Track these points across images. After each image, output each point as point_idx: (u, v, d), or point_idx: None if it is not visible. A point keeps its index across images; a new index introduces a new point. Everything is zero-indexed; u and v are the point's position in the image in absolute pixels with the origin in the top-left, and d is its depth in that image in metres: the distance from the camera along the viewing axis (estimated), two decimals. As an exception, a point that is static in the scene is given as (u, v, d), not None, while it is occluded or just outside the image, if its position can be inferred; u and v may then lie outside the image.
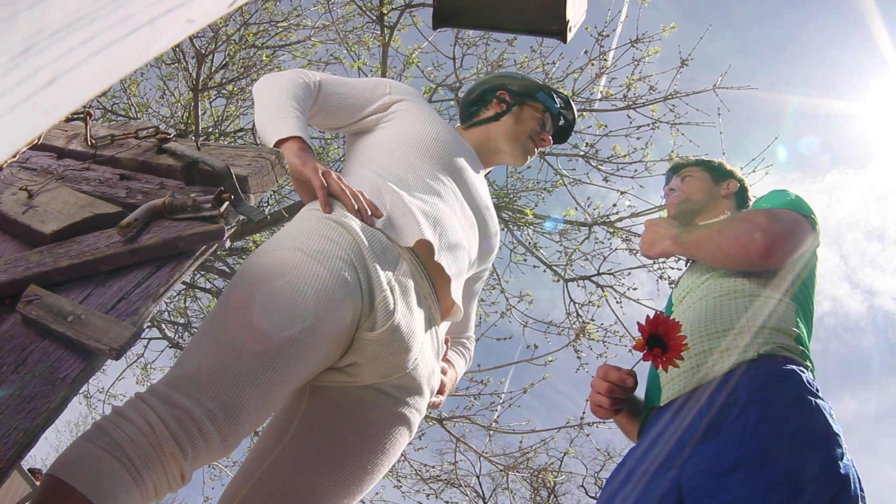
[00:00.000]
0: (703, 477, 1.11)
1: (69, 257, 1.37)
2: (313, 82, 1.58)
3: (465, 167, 1.56)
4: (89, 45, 0.36)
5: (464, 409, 5.37)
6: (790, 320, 1.35)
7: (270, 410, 1.13)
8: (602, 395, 1.36)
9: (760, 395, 1.16)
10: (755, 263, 1.38)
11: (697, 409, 1.22)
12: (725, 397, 1.20)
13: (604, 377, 1.36)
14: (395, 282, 1.25)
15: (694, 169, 1.81)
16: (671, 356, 1.17)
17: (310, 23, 5.97)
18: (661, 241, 1.54)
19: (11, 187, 1.63)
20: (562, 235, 5.85)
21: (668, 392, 1.34)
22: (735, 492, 1.05)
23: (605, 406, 1.36)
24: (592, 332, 5.50)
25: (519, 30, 1.63)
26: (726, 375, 1.24)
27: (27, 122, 0.36)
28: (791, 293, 1.41)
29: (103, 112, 5.94)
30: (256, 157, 1.60)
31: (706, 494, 1.08)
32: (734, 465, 1.08)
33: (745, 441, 1.10)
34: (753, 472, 1.06)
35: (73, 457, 0.98)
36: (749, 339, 1.28)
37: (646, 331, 1.20)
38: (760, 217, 1.40)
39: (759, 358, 1.24)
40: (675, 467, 1.17)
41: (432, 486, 5.94)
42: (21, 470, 6.28)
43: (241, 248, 6.06)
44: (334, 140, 6.26)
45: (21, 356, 1.24)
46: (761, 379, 1.20)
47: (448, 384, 1.56)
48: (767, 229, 1.36)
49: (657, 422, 1.31)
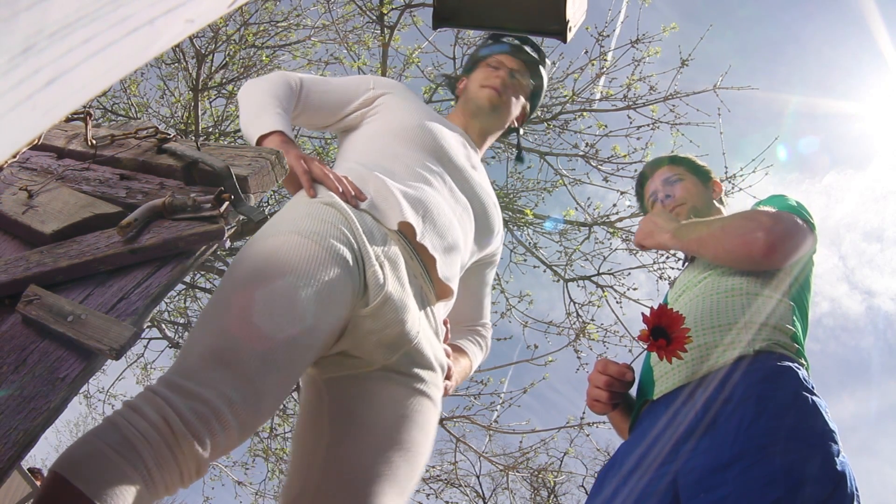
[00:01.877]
0: (700, 472, 1.11)
1: (69, 257, 1.37)
2: (295, 81, 1.59)
3: (455, 152, 1.56)
4: (89, 45, 0.36)
5: (464, 409, 5.37)
6: (787, 318, 1.35)
7: (286, 392, 1.12)
8: (600, 388, 1.36)
9: (757, 390, 1.16)
10: (757, 262, 1.38)
11: (693, 404, 1.23)
12: (721, 393, 1.20)
13: (603, 371, 1.37)
14: (384, 257, 1.25)
15: (680, 170, 1.75)
16: (675, 348, 1.18)
17: (310, 23, 5.98)
18: (660, 233, 1.52)
19: (11, 187, 1.63)
20: (562, 235, 5.85)
21: (662, 386, 1.34)
22: (731, 487, 1.05)
23: (603, 400, 1.37)
24: (592, 333, 5.50)
25: (519, 30, 1.63)
26: (722, 371, 1.24)
27: (27, 122, 0.36)
28: (790, 294, 1.41)
29: (103, 112, 5.94)
30: (256, 157, 1.60)
31: (702, 489, 1.08)
32: (730, 461, 1.08)
33: (741, 436, 1.11)
34: (750, 467, 1.06)
35: (81, 455, 0.94)
36: (745, 335, 1.29)
37: (650, 322, 1.20)
38: (763, 216, 1.40)
39: (756, 354, 1.25)
40: (672, 462, 1.17)
41: (432, 486, 5.94)
42: (21, 470, 6.28)
43: (241, 248, 6.06)
44: (334, 140, 6.26)
45: (21, 356, 1.24)
46: (757, 374, 1.20)
47: (459, 371, 1.53)
48: (770, 229, 1.36)
49: (651, 416, 1.31)
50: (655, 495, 1.15)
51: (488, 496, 9.73)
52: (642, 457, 1.22)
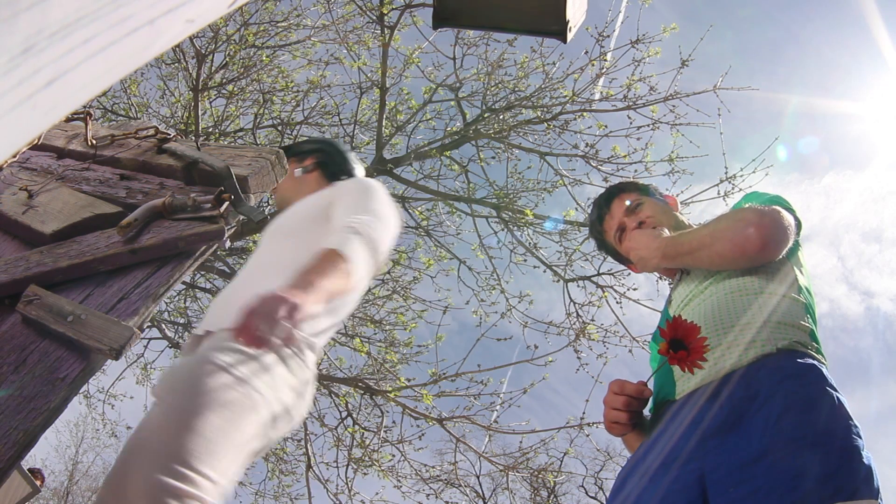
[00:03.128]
0: (727, 468, 1.13)
1: (69, 257, 1.37)
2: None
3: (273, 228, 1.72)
4: (89, 45, 0.36)
5: (464, 409, 5.37)
6: (801, 315, 1.37)
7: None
8: (620, 409, 1.35)
9: (783, 387, 1.18)
10: (753, 258, 1.39)
11: (717, 402, 1.23)
12: (745, 390, 1.21)
13: (620, 391, 1.36)
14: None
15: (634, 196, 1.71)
16: (694, 358, 1.19)
17: (310, 23, 5.98)
18: (649, 260, 1.52)
19: (11, 187, 1.63)
20: (562, 235, 5.85)
21: (684, 386, 1.34)
22: (761, 481, 1.07)
23: (623, 421, 1.36)
24: (592, 333, 5.50)
25: (519, 30, 1.63)
26: (745, 369, 1.25)
27: (27, 122, 0.36)
28: (797, 287, 1.42)
29: (103, 112, 5.95)
30: (256, 157, 1.60)
31: (731, 484, 1.10)
32: (759, 455, 1.10)
33: (769, 431, 1.13)
34: (779, 460, 1.08)
35: None
36: (765, 333, 1.29)
37: (667, 335, 1.22)
38: (748, 213, 1.41)
39: (778, 352, 1.26)
40: (697, 459, 1.18)
41: (432, 486, 5.94)
42: (21, 470, 6.28)
43: (241, 248, 6.06)
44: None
45: (21, 356, 1.24)
46: (782, 372, 1.22)
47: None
48: (759, 223, 1.37)
49: (674, 415, 1.32)
50: (683, 492, 1.16)
51: (488, 496, 9.74)
52: (668, 454, 1.23)
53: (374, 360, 5.77)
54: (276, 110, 6.16)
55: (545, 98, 5.94)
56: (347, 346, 5.86)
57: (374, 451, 5.68)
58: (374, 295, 5.95)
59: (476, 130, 6.00)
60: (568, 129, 5.82)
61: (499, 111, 6.03)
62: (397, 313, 5.98)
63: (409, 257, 6.19)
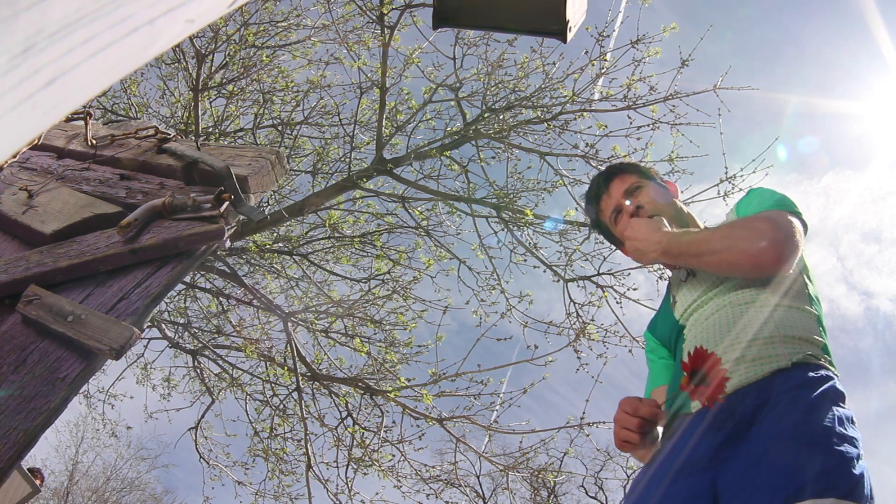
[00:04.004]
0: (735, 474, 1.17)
1: (69, 257, 1.37)
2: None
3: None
4: (89, 45, 0.36)
5: (464, 409, 5.37)
6: (814, 329, 1.37)
7: None
8: (632, 430, 1.35)
9: (791, 394, 1.22)
10: (766, 272, 1.38)
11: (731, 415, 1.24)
12: (757, 400, 1.24)
13: (634, 413, 1.35)
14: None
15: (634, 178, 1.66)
16: (714, 394, 1.21)
17: (310, 23, 5.98)
18: (647, 253, 1.48)
19: (11, 187, 1.63)
20: (562, 235, 5.85)
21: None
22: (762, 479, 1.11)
23: (635, 442, 1.36)
24: (592, 333, 5.50)
25: (519, 30, 1.63)
26: (759, 382, 1.26)
27: (27, 122, 0.36)
28: (807, 297, 1.42)
29: (103, 112, 5.95)
30: (256, 157, 1.60)
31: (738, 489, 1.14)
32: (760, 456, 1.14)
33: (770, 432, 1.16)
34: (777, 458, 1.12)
35: None
36: (779, 348, 1.30)
37: (688, 368, 1.24)
38: (763, 226, 1.37)
39: (793, 366, 1.26)
40: (711, 468, 1.21)
41: (432, 486, 5.94)
42: (21, 470, 6.28)
43: (241, 248, 6.06)
44: (334, 140, 6.27)
45: (21, 356, 1.24)
46: (793, 382, 1.25)
47: None
48: (774, 238, 1.34)
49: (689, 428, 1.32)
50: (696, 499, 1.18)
51: (488, 496, 9.74)
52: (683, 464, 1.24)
53: (375, 360, 5.77)
54: (276, 110, 6.16)
55: (545, 98, 5.95)
56: (347, 346, 5.86)
57: (374, 451, 5.69)
58: (374, 295, 5.95)
59: (476, 130, 6.00)
60: (568, 129, 5.83)
61: (499, 111, 6.03)
62: (397, 313, 5.98)
63: (409, 257, 6.19)
